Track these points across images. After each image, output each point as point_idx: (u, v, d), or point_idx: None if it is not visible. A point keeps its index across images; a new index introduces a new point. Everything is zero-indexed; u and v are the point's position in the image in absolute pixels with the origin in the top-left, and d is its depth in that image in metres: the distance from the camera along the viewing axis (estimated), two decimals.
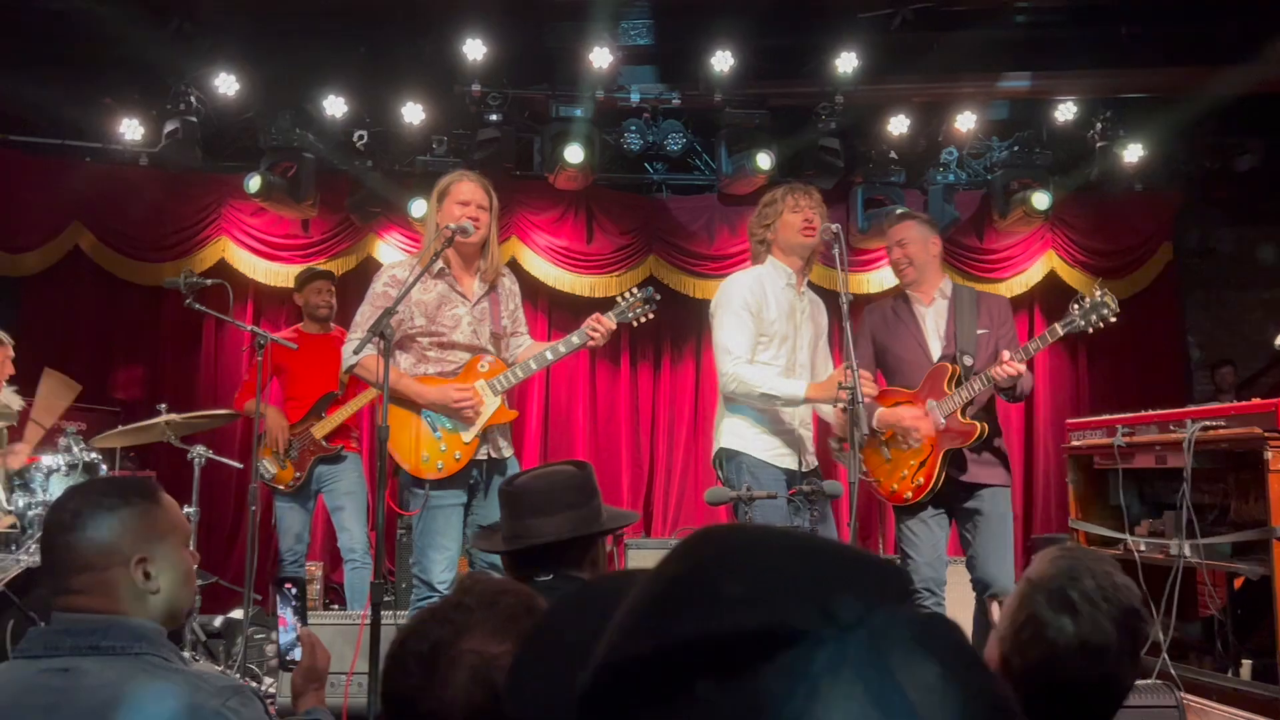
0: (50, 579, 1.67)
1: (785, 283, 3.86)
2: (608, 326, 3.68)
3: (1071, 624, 1.52)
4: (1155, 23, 6.41)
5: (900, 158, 6.80)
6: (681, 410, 7.20)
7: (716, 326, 3.81)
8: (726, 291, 3.83)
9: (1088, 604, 1.52)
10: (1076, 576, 1.55)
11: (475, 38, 6.27)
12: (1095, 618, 1.52)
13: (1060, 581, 1.55)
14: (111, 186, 6.84)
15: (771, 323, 3.77)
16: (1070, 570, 1.56)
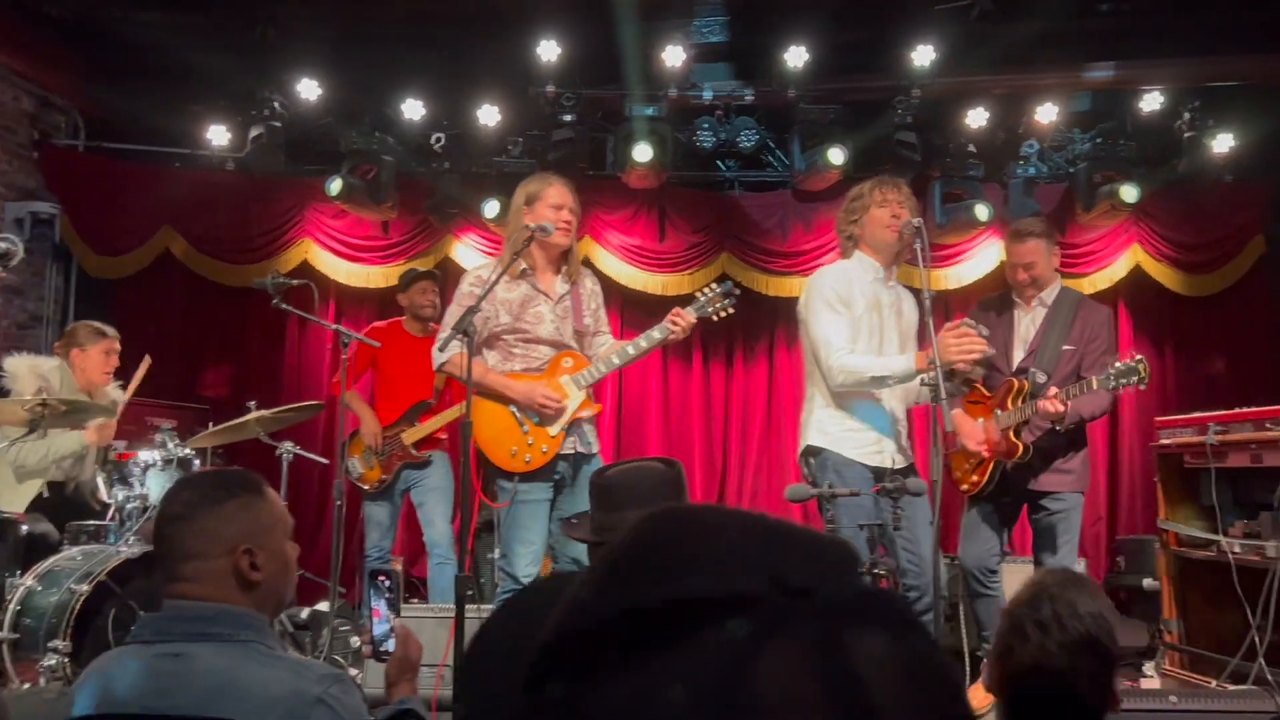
0: (162, 567, 1.74)
1: (872, 277, 3.82)
2: (688, 320, 3.70)
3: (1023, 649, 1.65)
4: (1245, 8, 6.19)
5: (979, 151, 6.69)
6: (754, 408, 7.18)
7: (813, 323, 3.77)
8: (814, 287, 3.83)
9: (1038, 631, 1.64)
10: (1036, 605, 1.67)
11: (549, 39, 6.33)
12: (1044, 644, 1.64)
13: (1021, 609, 1.68)
14: (200, 191, 7.05)
15: (859, 317, 3.74)
16: (1032, 599, 1.69)
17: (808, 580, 0.47)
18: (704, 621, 0.45)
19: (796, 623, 0.45)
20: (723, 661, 0.44)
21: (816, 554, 0.50)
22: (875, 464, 3.71)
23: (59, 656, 3.76)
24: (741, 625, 0.45)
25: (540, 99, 6.58)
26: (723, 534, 0.50)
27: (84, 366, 4.72)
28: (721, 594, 0.46)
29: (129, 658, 1.72)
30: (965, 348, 3.44)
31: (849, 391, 3.70)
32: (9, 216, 6.85)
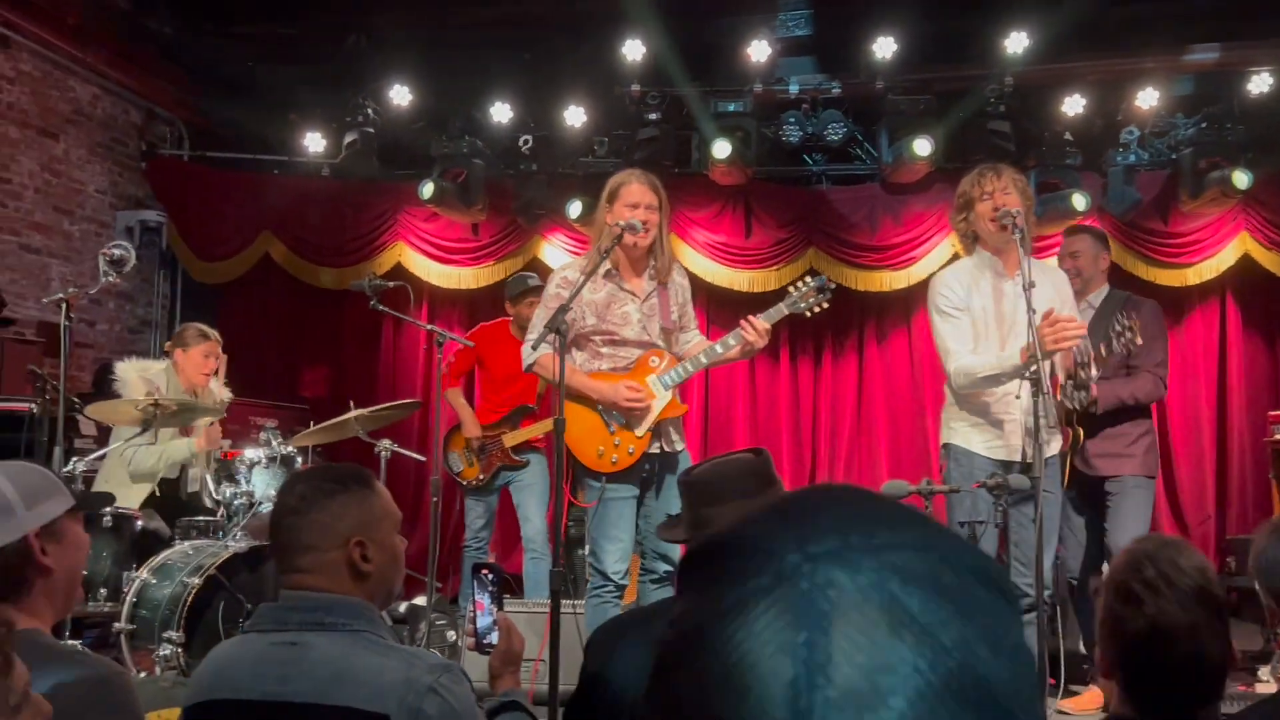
0: (279, 558, 1.81)
1: (993, 273, 3.73)
2: (760, 326, 3.67)
3: (1138, 614, 1.58)
4: None
5: (1076, 139, 6.49)
6: (844, 406, 7.10)
7: (933, 331, 3.83)
8: (930, 293, 3.84)
9: (1150, 592, 1.59)
10: (1138, 567, 1.62)
11: (634, 38, 6.36)
12: (1158, 604, 1.58)
13: (1123, 575, 1.63)
14: (298, 197, 7.27)
15: (978, 317, 3.69)
16: (1132, 563, 1.63)
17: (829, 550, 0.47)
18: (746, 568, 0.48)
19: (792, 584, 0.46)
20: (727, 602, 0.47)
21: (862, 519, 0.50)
22: (1001, 458, 3.64)
23: (173, 646, 3.92)
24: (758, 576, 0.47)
25: (625, 98, 6.62)
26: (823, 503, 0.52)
27: (185, 367, 4.91)
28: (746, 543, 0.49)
29: (247, 646, 1.79)
30: (1058, 335, 3.35)
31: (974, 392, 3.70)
32: (120, 225, 7.16)
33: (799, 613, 0.45)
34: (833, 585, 0.46)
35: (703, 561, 0.51)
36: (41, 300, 4.98)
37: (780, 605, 0.46)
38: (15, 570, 1.72)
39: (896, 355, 7.05)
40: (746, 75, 6.53)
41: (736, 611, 0.46)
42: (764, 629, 0.45)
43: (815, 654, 0.44)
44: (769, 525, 0.50)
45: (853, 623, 0.45)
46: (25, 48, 6.47)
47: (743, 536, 0.50)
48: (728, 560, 0.49)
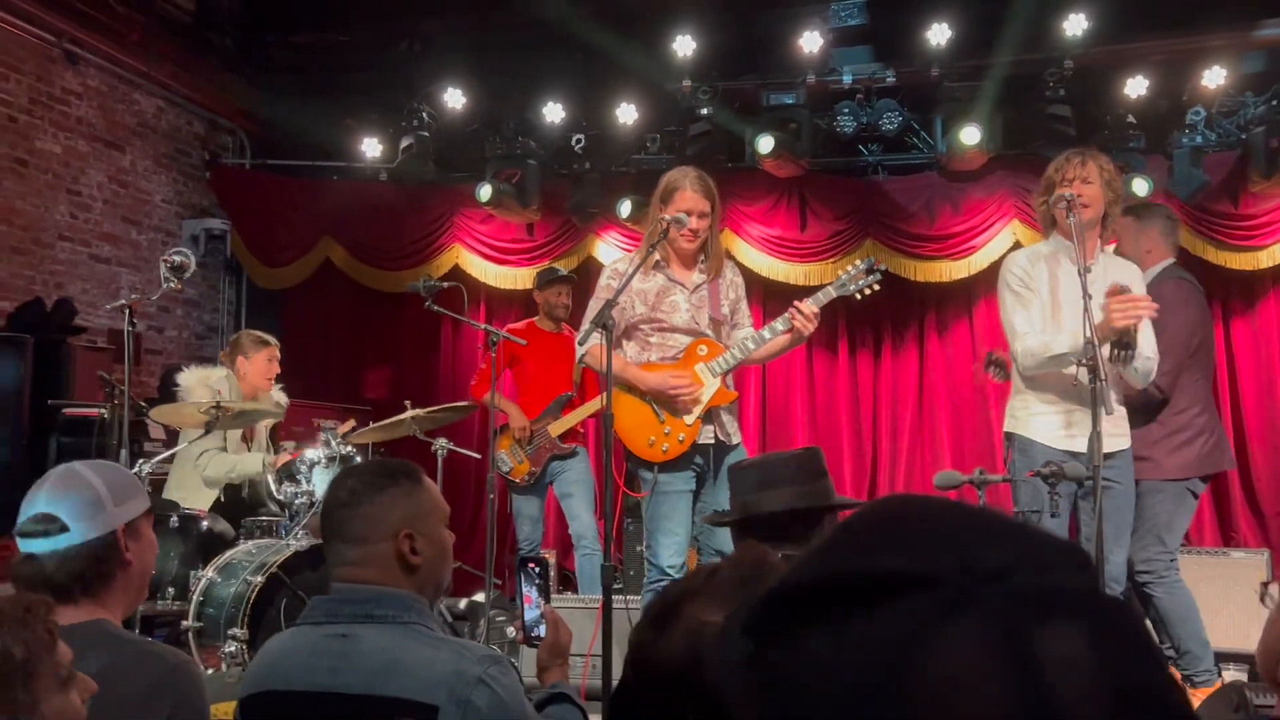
0: (330, 551, 1.83)
1: (1067, 258, 3.60)
2: (810, 309, 3.62)
3: None
4: None
5: (1139, 121, 6.32)
6: (905, 398, 6.99)
7: (1001, 312, 3.72)
8: (1001, 273, 3.73)
9: None
10: None
11: (685, 34, 6.34)
12: None
13: None
14: (356, 202, 7.39)
15: (1047, 299, 3.59)
16: None
17: (996, 566, 0.48)
18: (892, 597, 0.48)
19: (977, 607, 0.46)
20: (899, 636, 0.46)
21: (1027, 547, 0.50)
22: (1065, 448, 3.54)
23: (238, 643, 4.00)
24: (922, 603, 0.47)
25: (677, 94, 6.60)
26: (928, 518, 0.52)
27: (247, 373, 5.02)
28: (905, 572, 0.48)
29: (300, 638, 1.82)
30: (1127, 310, 3.25)
31: (1040, 375, 3.58)
32: (185, 233, 7.34)
33: (1003, 627, 0.46)
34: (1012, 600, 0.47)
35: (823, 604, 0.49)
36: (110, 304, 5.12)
37: (978, 624, 0.46)
38: (104, 563, 1.79)
39: (959, 346, 6.93)
40: (799, 66, 6.47)
41: (918, 642, 0.46)
42: (971, 649, 0.45)
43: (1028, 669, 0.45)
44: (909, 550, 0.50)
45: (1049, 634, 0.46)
46: (92, 64, 6.67)
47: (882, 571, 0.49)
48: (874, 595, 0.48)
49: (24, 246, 6.24)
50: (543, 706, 1.93)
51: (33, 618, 1.27)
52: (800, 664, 0.48)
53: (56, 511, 1.76)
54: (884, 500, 0.56)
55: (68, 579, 1.75)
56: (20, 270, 6.20)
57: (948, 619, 0.46)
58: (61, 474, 1.84)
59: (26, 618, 1.26)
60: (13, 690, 1.20)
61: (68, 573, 1.75)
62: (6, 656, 1.21)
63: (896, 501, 0.55)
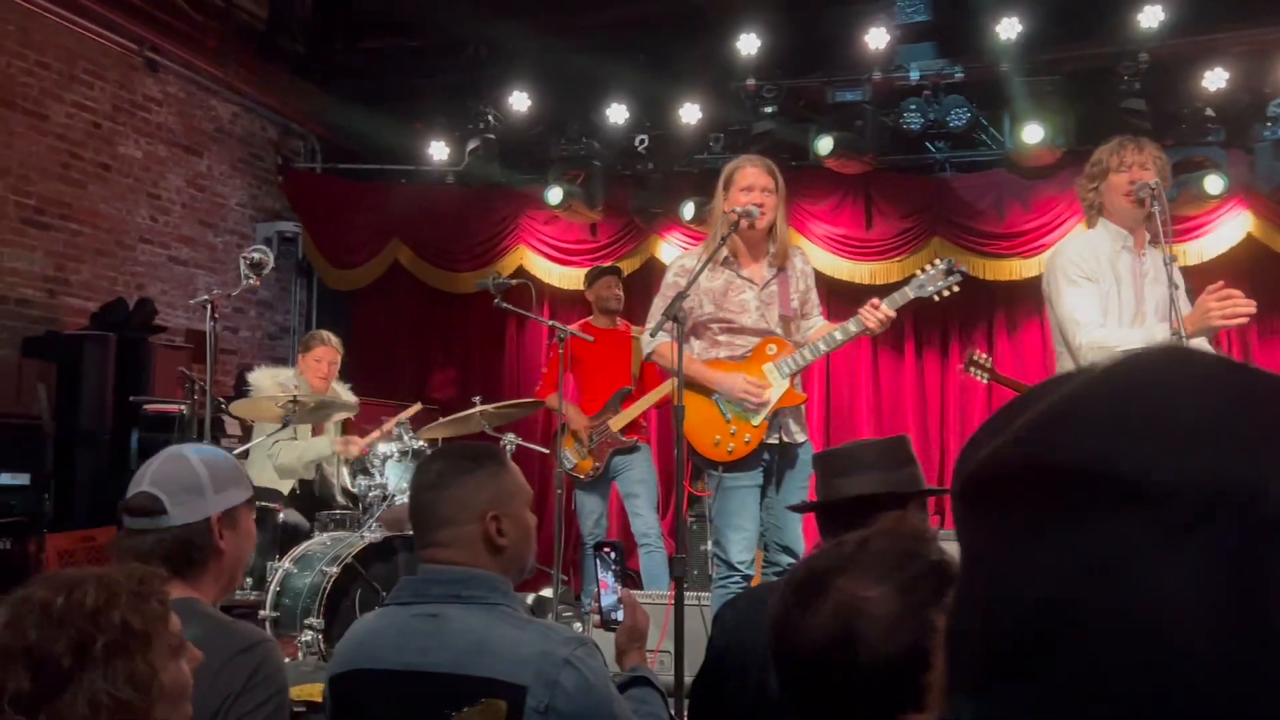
0: (418, 534, 1.86)
1: (1120, 246, 3.46)
2: (885, 314, 3.56)
3: None
4: None
5: (1219, 114, 6.16)
6: (973, 399, 6.89)
7: (1057, 301, 3.50)
8: (1054, 261, 3.55)
9: None
10: None
11: (749, 33, 6.34)
12: None
13: None
14: (424, 204, 7.50)
15: (1106, 290, 3.46)
16: None
17: (1253, 486, 0.42)
18: (1115, 503, 0.43)
19: (1215, 535, 0.42)
20: (1118, 550, 0.42)
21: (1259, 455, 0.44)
22: None
23: (314, 633, 4.08)
24: (1144, 522, 0.42)
25: (740, 93, 6.60)
26: (1180, 402, 0.45)
27: (305, 370, 5.16)
28: (1141, 481, 0.43)
29: (388, 618, 1.85)
30: (1229, 310, 3.13)
31: None
32: (259, 236, 7.51)
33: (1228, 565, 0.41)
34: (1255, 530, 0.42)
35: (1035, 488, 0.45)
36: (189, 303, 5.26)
37: (1208, 557, 0.42)
38: (196, 548, 1.83)
39: (1029, 345, 6.82)
40: (865, 64, 6.43)
41: (1130, 564, 0.42)
42: (1187, 584, 0.41)
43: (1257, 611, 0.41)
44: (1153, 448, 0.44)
45: None
46: (171, 70, 6.86)
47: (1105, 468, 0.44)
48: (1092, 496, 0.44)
49: (107, 249, 6.44)
50: (624, 689, 1.94)
51: (148, 589, 1.31)
52: (1000, 555, 0.46)
53: (157, 491, 1.81)
54: (1135, 361, 0.48)
55: (161, 559, 1.79)
56: (104, 271, 6.40)
57: (1178, 543, 0.42)
58: (169, 455, 1.90)
59: (142, 589, 1.30)
60: (133, 660, 1.24)
61: (161, 554, 1.79)
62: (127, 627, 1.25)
63: (1145, 367, 0.48)
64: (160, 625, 1.29)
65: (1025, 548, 0.45)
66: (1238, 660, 0.40)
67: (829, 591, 1.07)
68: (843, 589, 1.07)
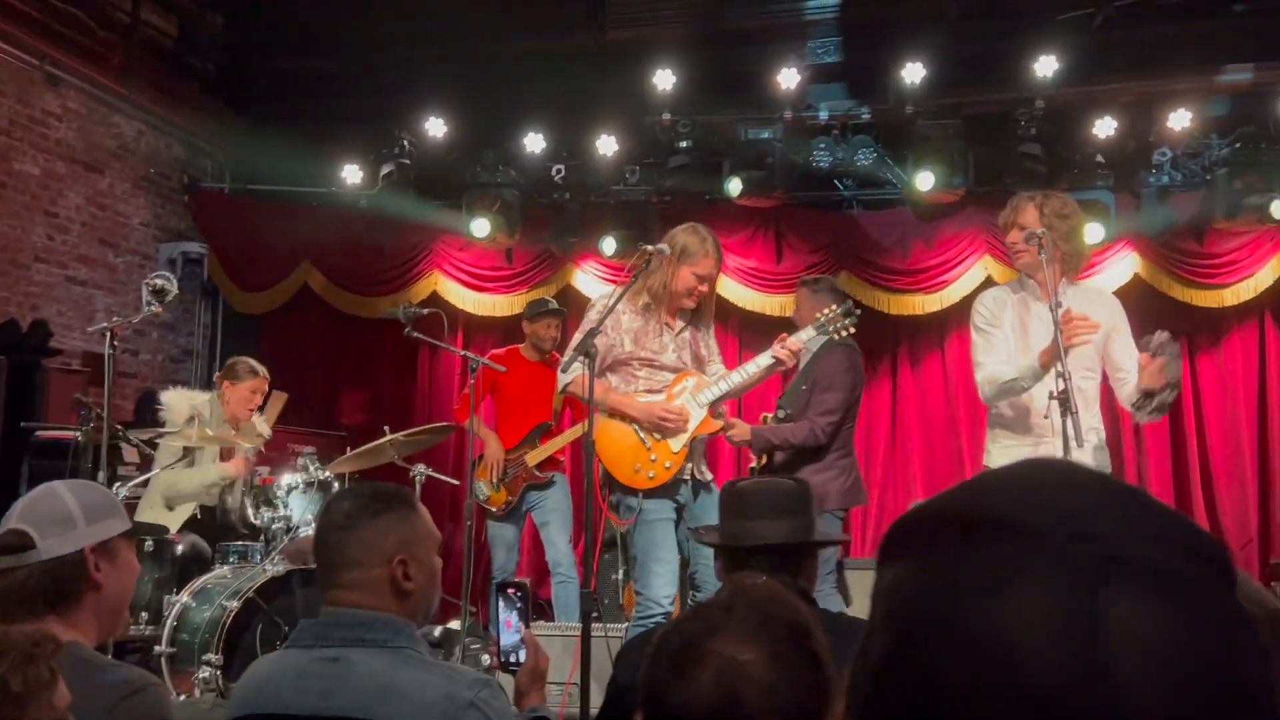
0: (322, 575, 1.84)
1: (1024, 293, 3.71)
2: (794, 346, 3.74)
3: None
4: None
5: (1108, 161, 6.47)
6: (877, 429, 7.06)
7: (972, 347, 3.84)
8: (972, 311, 3.86)
9: None
10: None
11: (665, 68, 6.44)
12: None
13: None
14: (336, 228, 7.39)
15: (1010, 336, 3.67)
16: None
17: (1105, 532, 0.48)
18: (1000, 538, 0.49)
19: (1063, 564, 0.47)
20: (983, 578, 0.48)
21: (1147, 521, 0.49)
22: None
23: (212, 669, 3.97)
24: (1021, 550, 0.48)
25: (656, 127, 6.69)
26: (1057, 480, 0.52)
27: (230, 399, 5.02)
28: (1006, 518, 0.49)
29: (288, 661, 1.82)
30: (1069, 332, 3.33)
31: (1004, 409, 3.67)
32: (163, 257, 7.32)
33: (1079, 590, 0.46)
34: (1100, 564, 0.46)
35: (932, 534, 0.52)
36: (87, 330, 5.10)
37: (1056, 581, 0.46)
38: (69, 581, 1.77)
39: (930, 378, 7.03)
40: (776, 102, 6.59)
41: (1004, 586, 0.47)
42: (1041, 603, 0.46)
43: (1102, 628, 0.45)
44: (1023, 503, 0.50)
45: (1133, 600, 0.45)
46: (73, 86, 6.67)
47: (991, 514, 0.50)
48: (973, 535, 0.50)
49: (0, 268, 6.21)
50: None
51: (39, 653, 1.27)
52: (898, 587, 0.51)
53: (25, 527, 1.76)
54: (1034, 460, 0.56)
55: (32, 595, 1.74)
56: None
57: (1031, 569, 0.47)
58: (39, 492, 1.85)
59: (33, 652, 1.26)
60: None
61: (32, 588, 1.74)
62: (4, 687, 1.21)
63: (1042, 463, 0.55)
64: (41, 692, 1.25)
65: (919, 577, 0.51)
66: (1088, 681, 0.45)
67: (707, 657, 1.09)
68: (721, 654, 1.09)
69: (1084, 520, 0.48)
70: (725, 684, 1.07)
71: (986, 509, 0.51)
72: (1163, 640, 0.45)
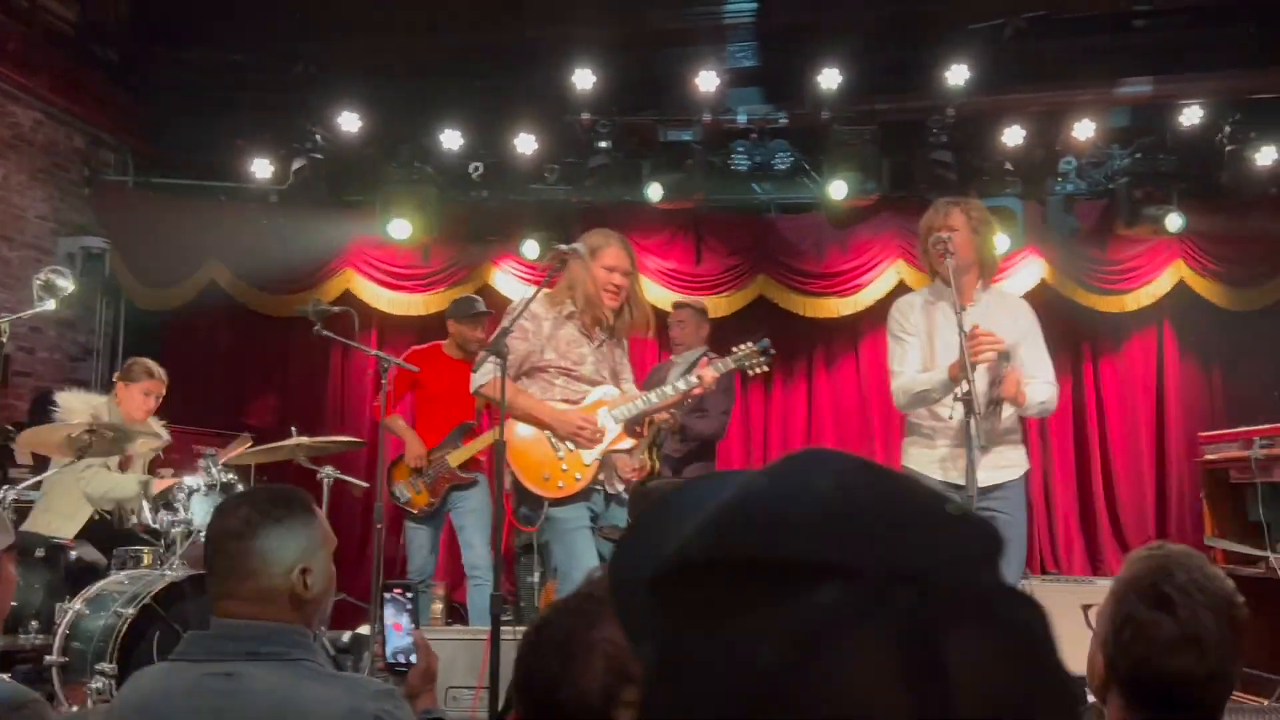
0: (214, 583, 1.75)
1: (946, 300, 3.72)
2: (711, 377, 3.82)
3: (1169, 619, 1.51)
4: None
5: (1016, 168, 6.65)
6: (794, 429, 7.15)
7: (888, 354, 3.88)
8: (888, 317, 3.90)
9: (1183, 596, 1.52)
10: (1169, 572, 1.55)
11: (584, 67, 6.42)
12: (1193, 609, 1.51)
13: (1154, 578, 1.56)
14: (244, 224, 7.20)
15: (925, 342, 3.73)
16: (1162, 567, 1.57)
17: (920, 566, 0.45)
18: (805, 585, 0.45)
19: (892, 609, 0.44)
20: (810, 630, 0.44)
21: (947, 537, 0.48)
22: (951, 480, 3.66)
23: (106, 679, 3.82)
24: (837, 598, 0.44)
25: (576, 127, 6.67)
26: (854, 500, 0.49)
27: (124, 400, 4.87)
28: (821, 563, 0.45)
29: (177, 676, 1.71)
30: (974, 348, 3.41)
31: (917, 412, 3.74)
32: (61, 251, 7.04)
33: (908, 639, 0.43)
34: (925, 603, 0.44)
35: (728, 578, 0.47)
36: None
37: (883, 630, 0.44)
38: None
39: (844, 380, 7.13)
40: (696, 105, 6.62)
41: (829, 639, 0.44)
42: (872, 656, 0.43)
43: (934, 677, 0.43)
44: (833, 539, 0.46)
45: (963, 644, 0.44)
46: None
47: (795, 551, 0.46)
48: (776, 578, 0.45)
49: None
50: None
51: None
52: (701, 639, 0.46)
53: None
54: (800, 460, 0.51)
55: None
56: None
57: (861, 619, 0.44)
58: None
59: None
60: None
61: None
62: None
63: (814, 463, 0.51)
64: None
65: (722, 633, 0.46)
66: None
67: (595, 645, 1.09)
68: (610, 640, 1.09)
69: (893, 551, 0.46)
70: (615, 667, 1.06)
71: (795, 554, 0.46)
72: (991, 666, 0.44)
